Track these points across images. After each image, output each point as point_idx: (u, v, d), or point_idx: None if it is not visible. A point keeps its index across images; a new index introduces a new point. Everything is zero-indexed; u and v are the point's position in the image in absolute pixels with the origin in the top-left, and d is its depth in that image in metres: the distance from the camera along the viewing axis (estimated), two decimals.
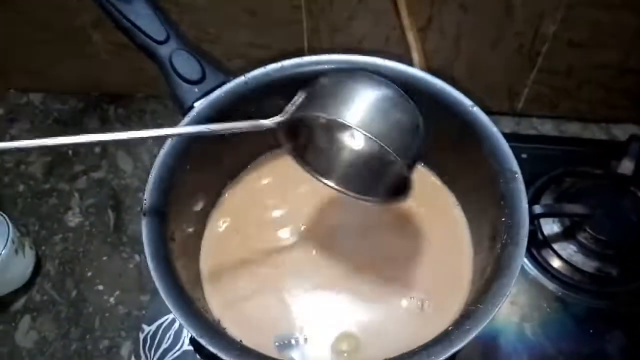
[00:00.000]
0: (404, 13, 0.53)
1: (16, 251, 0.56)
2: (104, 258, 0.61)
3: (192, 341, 0.40)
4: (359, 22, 0.59)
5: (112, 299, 0.58)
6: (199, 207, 0.42)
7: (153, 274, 0.31)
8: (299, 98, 0.34)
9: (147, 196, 0.35)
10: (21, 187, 0.67)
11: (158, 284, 0.31)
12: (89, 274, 0.60)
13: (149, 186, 0.35)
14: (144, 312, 0.55)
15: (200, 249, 0.42)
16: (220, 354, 0.28)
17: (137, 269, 0.60)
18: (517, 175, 0.35)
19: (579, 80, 0.65)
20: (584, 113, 0.69)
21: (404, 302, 0.40)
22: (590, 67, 0.63)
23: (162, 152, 0.37)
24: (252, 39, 0.63)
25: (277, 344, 0.37)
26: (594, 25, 0.58)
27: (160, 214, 0.34)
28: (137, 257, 0.61)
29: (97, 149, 0.70)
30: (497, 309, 0.30)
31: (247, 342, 0.32)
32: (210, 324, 0.31)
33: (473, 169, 0.38)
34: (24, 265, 0.58)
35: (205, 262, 0.42)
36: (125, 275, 0.60)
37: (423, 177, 0.46)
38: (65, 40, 0.67)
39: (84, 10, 0.63)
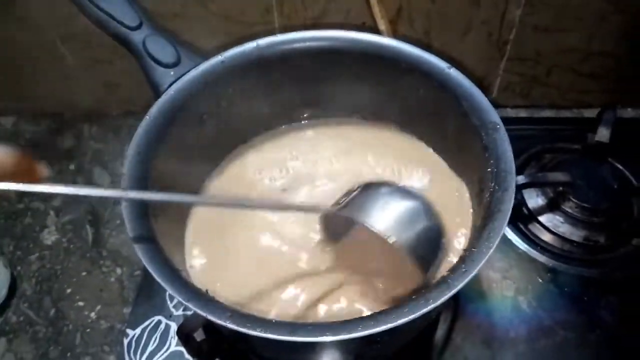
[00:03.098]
0: (373, 1, 0.54)
1: None
2: (84, 274, 0.59)
3: (180, 333, 0.39)
4: (330, 17, 0.60)
5: (93, 314, 0.56)
6: (182, 185, 0.41)
7: (135, 244, 0.30)
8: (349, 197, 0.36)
9: (126, 170, 0.34)
10: None
11: (140, 253, 0.29)
12: (68, 290, 0.58)
13: (127, 160, 0.34)
14: (127, 323, 0.53)
15: (185, 225, 0.41)
16: (211, 317, 0.27)
17: (118, 282, 0.58)
18: (498, 126, 0.35)
19: (547, 66, 0.66)
20: (555, 100, 0.70)
21: None
22: (557, 52, 0.65)
23: (140, 128, 0.36)
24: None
25: None
26: (558, 9, 0.60)
27: (141, 190, 0.33)
28: (118, 270, 0.59)
29: (72, 166, 0.69)
30: (490, 250, 0.30)
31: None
32: (198, 291, 0.30)
33: (455, 128, 0.38)
34: None
35: (191, 239, 0.41)
36: (106, 289, 0.58)
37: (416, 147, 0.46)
38: (35, 57, 0.66)
39: (53, 24, 0.62)
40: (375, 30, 0.58)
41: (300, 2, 0.59)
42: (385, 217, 0.33)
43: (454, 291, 0.28)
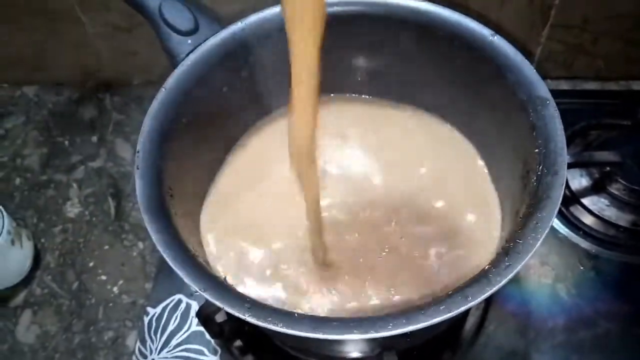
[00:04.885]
0: None
1: (12, 242, 0.53)
2: (106, 247, 0.58)
3: (200, 315, 0.37)
4: None
5: (115, 289, 0.55)
6: (201, 163, 0.39)
7: (148, 226, 0.28)
8: None
9: (140, 148, 0.32)
10: (17, 181, 0.65)
11: (154, 237, 0.27)
12: (91, 264, 0.57)
13: (142, 137, 0.32)
14: (147, 301, 0.52)
15: (202, 207, 0.39)
16: (229, 309, 0.25)
17: (140, 257, 0.57)
18: (548, 102, 0.31)
19: (594, 34, 0.61)
20: (601, 71, 0.66)
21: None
22: (605, 18, 0.60)
23: (155, 102, 0.34)
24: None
25: None
26: None
27: (155, 167, 0.31)
28: (140, 245, 0.58)
29: (94, 138, 0.68)
30: (538, 243, 0.27)
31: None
32: (215, 279, 0.28)
33: (497, 104, 0.35)
34: (22, 257, 0.55)
35: (208, 221, 0.39)
36: (128, 263, 0.57)
37: (438, 129, 0.43)
38: (55, 25, 0.64)
39: None
40: None
41: None
42: None
43: (495, 288, 0.25)
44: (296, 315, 0.25)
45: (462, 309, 0.25)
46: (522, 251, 0.27)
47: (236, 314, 0.25)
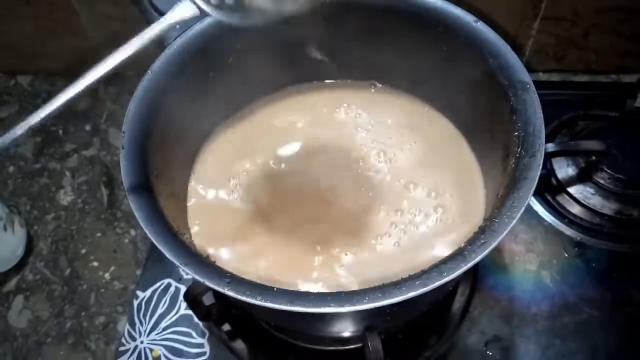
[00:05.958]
0: None
1: (5, 228, 0.53)
2: (98, 234, 0.59)
3: (187, 297, 0.38)
4: None
5: (107, 275, 0.56)
6: (186, 144, 0.39)
7: (132, 204, 0.28)
8: None
9: (126, 128, 0.32)
10: (11, 169, 0.65)
11: (137, 213, 0.28)
12: (83, 251, 0.58)
13: (127, 118, 0.32)
14: (137, 285, 0.53)
15: (187, 186, 0.40)
16: (208, 283, 0.26)
17: (132, 244, 0.58)
18: (528, 86, 0.32)
19: (585, 27, 0.62)
20: (592, 64, 0.66)
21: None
22: (597, 10, 0.60)
23: (141, 84, 0.34)
24: None
25: None
26: None
27: (141, 148, 0.32)
28: (132, 232, 0.59)
29: (88, 127, 0.68)
30: (513, 222, 0.27)
31: None
32: (196, 255, 0.29)
33: (479, 89, 0.35)
34: (14, 243, 0.55)
35: (192, 201, 0.40)
36: (120, 250, 0.58)
37: (422, 112, 0.43)
38: (49, 15, 0.64)
39: None
40: None
41: None
42: None
43: (469, 264, 0.26)
44: (275, 289, 0.26)
45: (437, 284, 0.25)
46: (498, 229, 0.27)
47: (216, 287, 0.26)
